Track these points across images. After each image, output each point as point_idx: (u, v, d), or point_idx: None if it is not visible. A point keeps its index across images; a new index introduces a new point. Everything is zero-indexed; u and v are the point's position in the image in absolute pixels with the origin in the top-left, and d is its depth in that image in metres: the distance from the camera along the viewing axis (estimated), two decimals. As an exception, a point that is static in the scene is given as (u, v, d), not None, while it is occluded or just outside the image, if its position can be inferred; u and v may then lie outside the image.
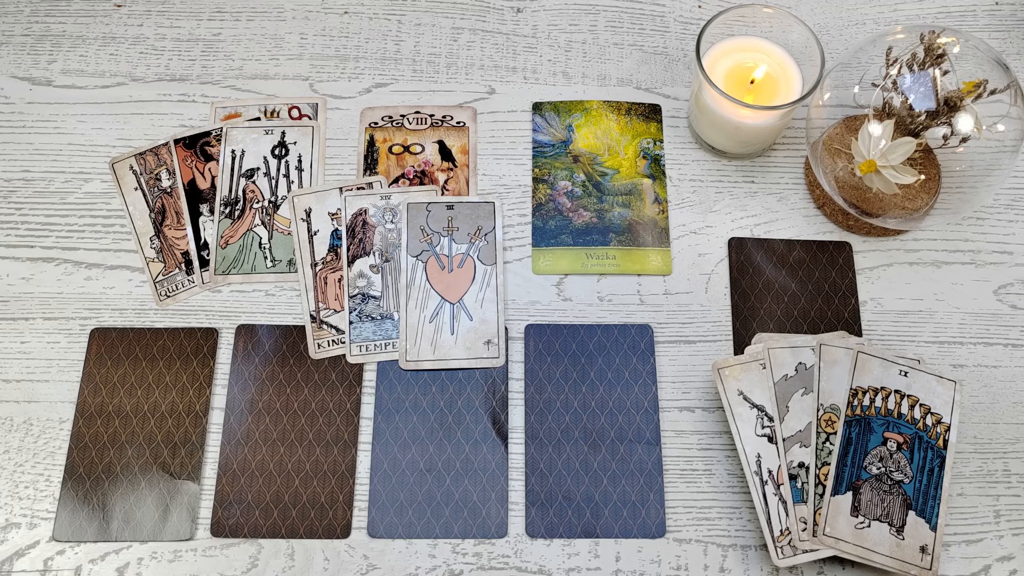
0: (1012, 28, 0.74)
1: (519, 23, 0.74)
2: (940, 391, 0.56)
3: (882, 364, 0.56)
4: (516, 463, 0.59)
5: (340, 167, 0.68)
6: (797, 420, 0.56)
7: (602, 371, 0.61)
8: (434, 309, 0.63)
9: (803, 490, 0.55)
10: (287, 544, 0.57)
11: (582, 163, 0.68)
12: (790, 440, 0.56)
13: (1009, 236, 0.66)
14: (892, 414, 0.55)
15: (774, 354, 0.58)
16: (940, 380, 0.57)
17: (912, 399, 0.56)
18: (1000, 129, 0.59)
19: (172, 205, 0.66)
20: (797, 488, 0.55)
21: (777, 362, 0.57)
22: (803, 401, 0.56)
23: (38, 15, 0.74)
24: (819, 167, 0.64)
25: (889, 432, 0.55)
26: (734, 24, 0.64)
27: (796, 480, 0.55)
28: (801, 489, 0.55)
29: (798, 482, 0.55)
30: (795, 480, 0.55)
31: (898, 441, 0.55)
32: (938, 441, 0.55)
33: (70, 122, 0.69)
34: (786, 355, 0.58)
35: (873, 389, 0.56)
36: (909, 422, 0.55)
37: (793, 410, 0.56)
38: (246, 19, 0.74)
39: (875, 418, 0.55)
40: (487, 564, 0.57)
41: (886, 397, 0.56)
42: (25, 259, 0.65)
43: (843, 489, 0.54)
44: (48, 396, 0.61)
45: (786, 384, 0.57)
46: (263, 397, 0.61)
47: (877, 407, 0.55)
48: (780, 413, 0.56)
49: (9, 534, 0.57)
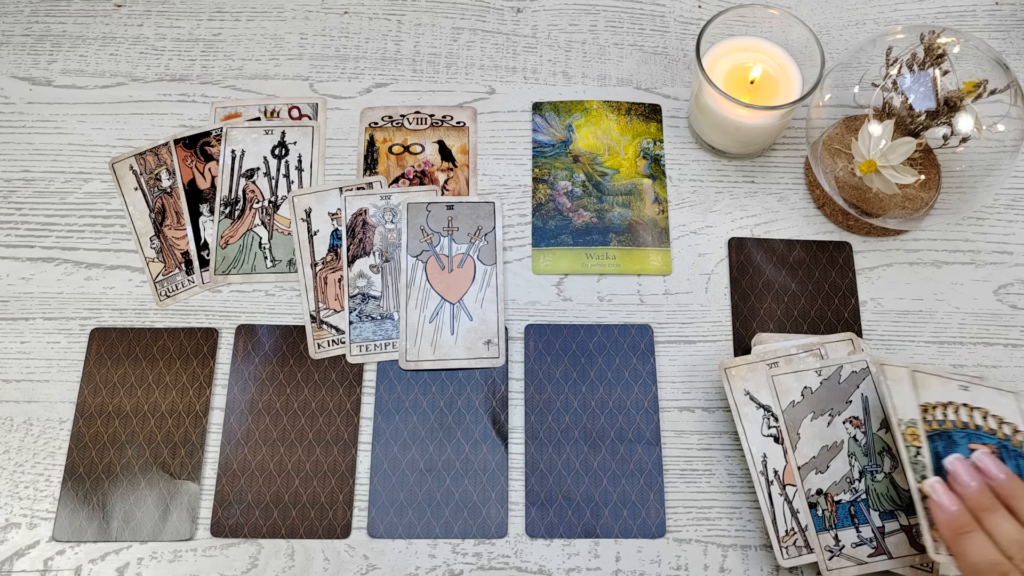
0: (1012, 28, 0.74)
1: (519, 23, 0.74)
2: (1004, 402, 0.54)
3: (940, 381, 0.54)
4: (516, 463, 0.59)
5: (340, 167, 0.68)
6: (810, 447, 0.55)
7: (602, 371, 0.61)
8: (434, 309, 0.63)
9: (824, 518, 0.54)
10: (287, 544, 0.57)
11: (582, 163, 0.68)
12: (805, 468, 0.54)
13: (1009, 236, 0.66)
14: (969, 426, 0.52)
15: (778, 381, 0.57)
16: (1001, 392, 0.54)
17: (982, 411, 0.53)
18: (1000, 129, 0.59)
19: (172, 205, 0.66)
20: (818, 516, 0.54)
21: (783, 388, 0.56)
22: (813, 427, 0.55)
23: (38, 15, 0.74)
24: (819, 167, 0.64)
25: (973, 444, 0.52)
26: (734, 24, 0.64)
27: (816, 508, 0.54)
28: (822, 517, 0.54)
29: (818, 510, 0.54)
30: (815, 508, 0.54)
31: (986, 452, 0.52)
32: (1022, 448, 0.53)
33: (70, 122, 0.69)
34: (790, 381, 0.57)
35: (942, 404, 0.53)
36: (988, 432, 0.52)
37: (804, 436, 0.55)
38: (246, 19, 0.74)
39: (955, 431, 0.52)
40: (487, 564, 0.57)
41: (956, 410, 0.53)
42: (25, 259, 0.65)
43: None
44: (48, 396, 0.61)
45: (794, 410, 0.56)
46: (263, 397, 0.61)
47: (952, 420, 0.52)
48: (792, 441, 0.55)
49: (9, 534, 0.57)
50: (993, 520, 0.47)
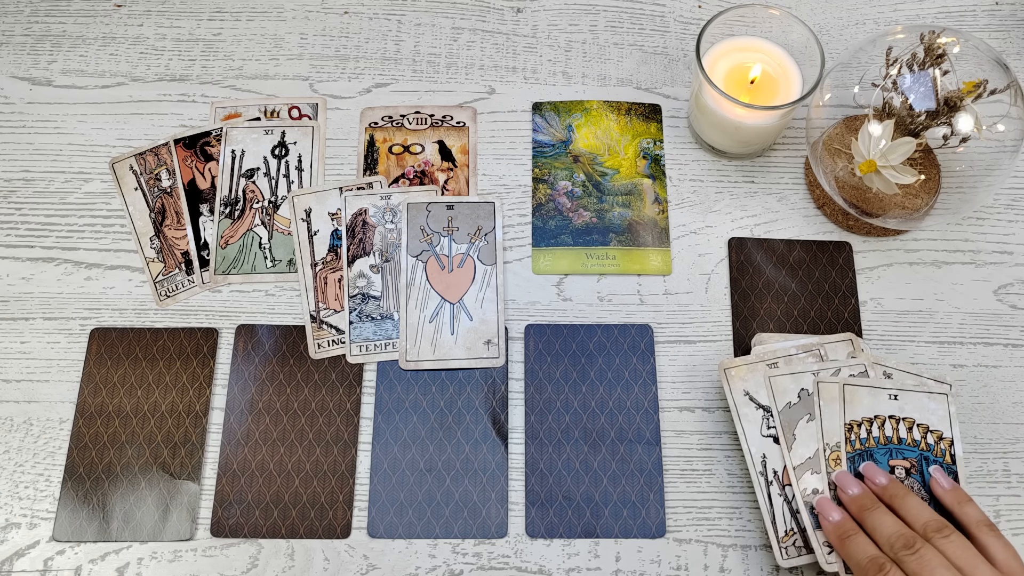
0: (1012, 28, 0.74)
1: (519, 23, 0.74)
2: (933, 407, 0.55)
3: (870, 392, 0.55)
4: (516, 463, 0.59)
5: (340, 167, 0.68)
6: (805, 447, 0.55)
7: (602, 371, 0.61)
8: (434, 309, 0.63)
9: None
10: (287, 544, 0.57)
11: (582, 163, 0.68)
12: (800, 468, 0.54)
13: (1009, 236, 0.66)
14: (892, 441, 0.54)
15: (775, 382, 0.57)
16: (931, 395, 0.55)
17: (908, 421, 0.55)
18: (1000, 129, 0.59)
19: (172, 205, 0.66)
20: (815, 516, 0.54)
21: (779, 390, 0.56)
22: (809, 428, 0.55)
23: (38, 15, 0.74)
24: (819, 167, 0.64)
25: (894, 459, 0.54)
26: (734, 24, 0.64)
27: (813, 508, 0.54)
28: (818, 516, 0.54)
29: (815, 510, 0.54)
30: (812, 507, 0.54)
31: (905, 467, 0.54)
32: (945, 457, 0.54)
33: (70, 122, 0.69)
34: (787, 382, 0.57)
35: (867, 420, 0.55)
36: (911, 445, 0.54)
37: (800, 437, 0.55)
38: (246, 19, 0.74)
39: (876, 449, 0.54)
40: (487, 564, 0.57)
41: (881, 425, 0.55)
42: (25, 259, 0.65)
43: None
44: (48, 396, 0.61)
45: (791, 412, 0.56)
46: (263, 397, 0.61)
47: (875, 437, 0.54)
48: (788, 441, 0.55)
49: (9, 534, 0.57)
50: (873, 517, 0.50)
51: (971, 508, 0.50)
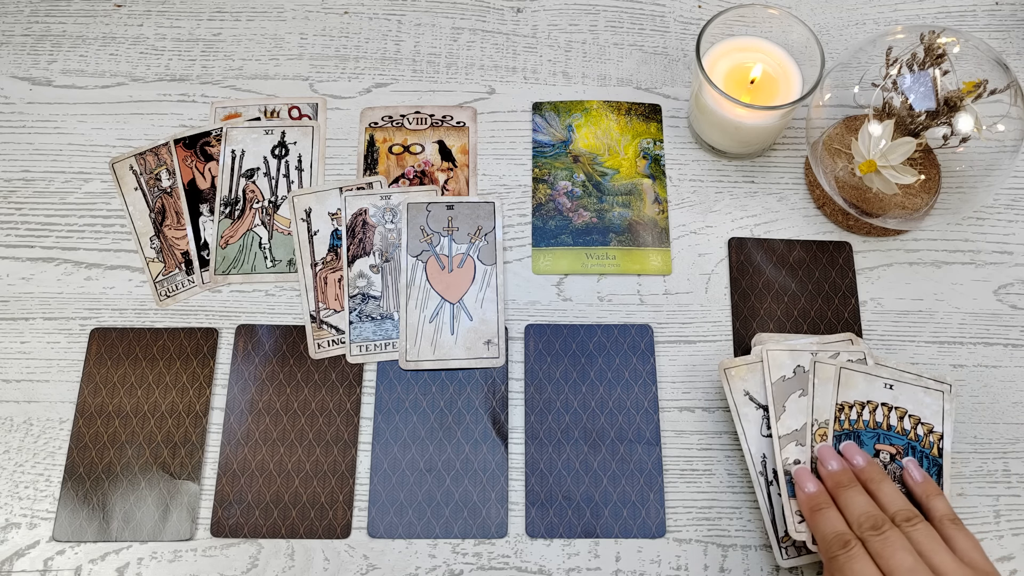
0: (1012, 28, 0.74)
1: (519, 23, 0.74)
2: (928, 401, 0.56)
3: (866, 378, 0.56)
4: (516, 463, 0.59)
5: (340, 167, 0.68)
6: (794, 420, 0.56)
7: (602, 371, 0.61)
8: (434, 309, 0.63)
9: None
10: (287, 544, 0.57)
11: (582, 163, 0.68)
12: (786, 438, 0.55)
13: (1009, 236, 0.66)
14: (881, 426, 0.55)
15: (772, 356, 0.57)
16: (927, 391, 0.56)
17: (900, 411, 0.55)
18: (1000, 129, 0.59)
19: (172, 205, 0.67)
20: (791, 484, 0.55)
21: (775, 363, 0.57)
22: (800, 402, 0.56)
23: (38, 15, 0.74)
24: (819, 167, 0.64)
25: (880, 444, 0.55)
26: (734, 24, 0.64)
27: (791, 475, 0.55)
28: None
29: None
30: (789, 475, 0.55)
31: (891, 452, 0.54)
32: (932, 450, 0.55)
33: (70, 122, 0.69)
34: (784, 357, 0.57)
35: (859, 403, 0.55)
36: (899, 433, 0.55)
37: (790, 410, 0.56)
38: (246, 19, 0.74)
39: (864, 431, 0.55)
40: (487, 564, 0.57)
41: (873, 410, 0.55)
42: (25, 259, 0.65)
43: None
44: (48, 396, 0.61)
45: (784, 384, 0.57)
46: (263, 397, 0.61)
47: (865, 420, 0.55)
48: (776, 412, 0.56)
49: (9, 534, 0.57)
50: (847, 495, 0.51)
51: (939, 502, 0.51)
